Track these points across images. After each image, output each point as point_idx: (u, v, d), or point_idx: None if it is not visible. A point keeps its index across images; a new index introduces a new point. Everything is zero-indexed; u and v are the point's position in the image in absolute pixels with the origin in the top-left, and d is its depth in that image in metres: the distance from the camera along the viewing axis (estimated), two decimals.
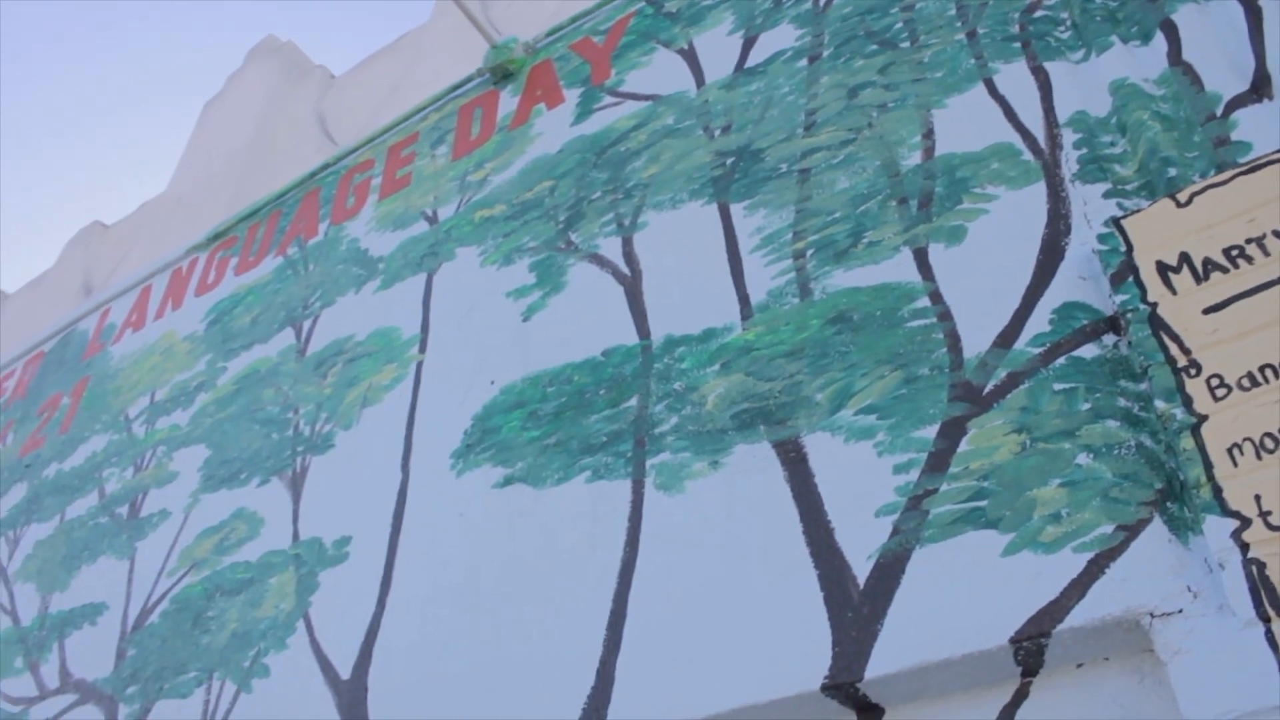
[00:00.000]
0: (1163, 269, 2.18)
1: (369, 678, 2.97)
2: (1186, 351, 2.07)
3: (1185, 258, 2.16)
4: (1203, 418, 1.99)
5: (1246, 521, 1.86)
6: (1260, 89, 2.41)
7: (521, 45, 4.47)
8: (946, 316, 2.52)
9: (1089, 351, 2.27)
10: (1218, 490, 1.91)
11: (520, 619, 2.74)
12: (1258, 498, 1.87)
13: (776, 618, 2.30)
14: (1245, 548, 1.84)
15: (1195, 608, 1.87)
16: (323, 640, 3.18)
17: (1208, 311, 2.08)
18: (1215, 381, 2.01)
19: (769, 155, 3.18)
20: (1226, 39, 2.52)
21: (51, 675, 4.03)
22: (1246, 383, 1.97)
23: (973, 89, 2.90)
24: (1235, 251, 2.11)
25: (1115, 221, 2.31)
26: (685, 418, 2.77)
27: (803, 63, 3.35)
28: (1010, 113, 2.78)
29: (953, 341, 2.47)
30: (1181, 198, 2.23)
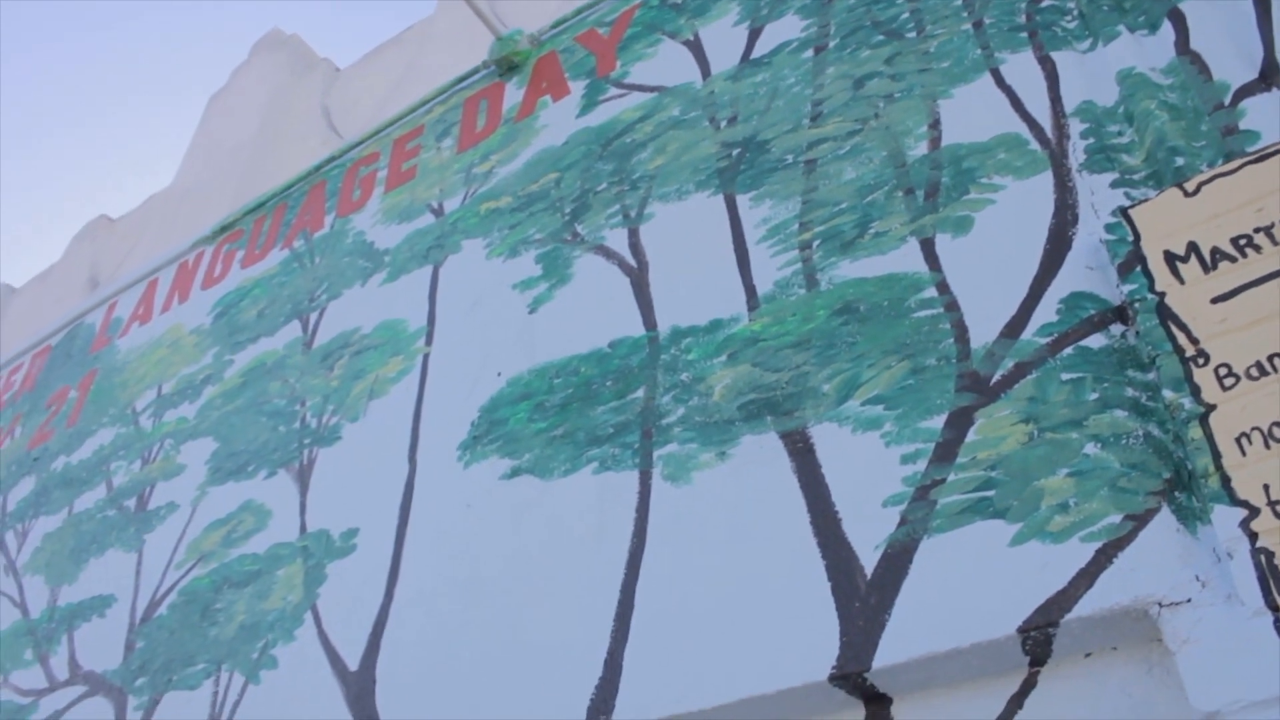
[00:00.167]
0: (1170, 258, 2.18)
1: (377, 669, 2.97)
2: (1194, 341, 2.06)
3: (1193, 247, 2.16)
4: (1211, 407, 1.99)
5: (1255, 511, 1.86)
6: (1268, 77, 2.40)
7: (526, 37, 4.46)
8: (953, 307, 2.51)
9: (1096, 341, 2.26)
10: (1226, 479, 1.91)
11: (528, 610, 2.74)
12: (1266, 487, 1.87)
13: (784, 608, 2.30)
14: (1254, 537, 1.84)
15: (1203, 597, 1.87)
16: (330, 632, 3.19)
17: (1216, 301, 2.08)
18: (1223, 371, 2.00)
19: (775, 146, 3.17)
20: (1234, 27, 2.51)
21: (61, 667, 4.04)
22: (1255, 372, 1.97)
23: (979, 79, 2.89)
24: (1243, 240, 2.10)
25: (1123, 211, 2.30)
26: (692, 409, 2.77)
27: (808, 53, 3.34)
28: (1017, 103, 2.77)
29: (960, 332, 2.46)
30: (1189, 187, 2.23)
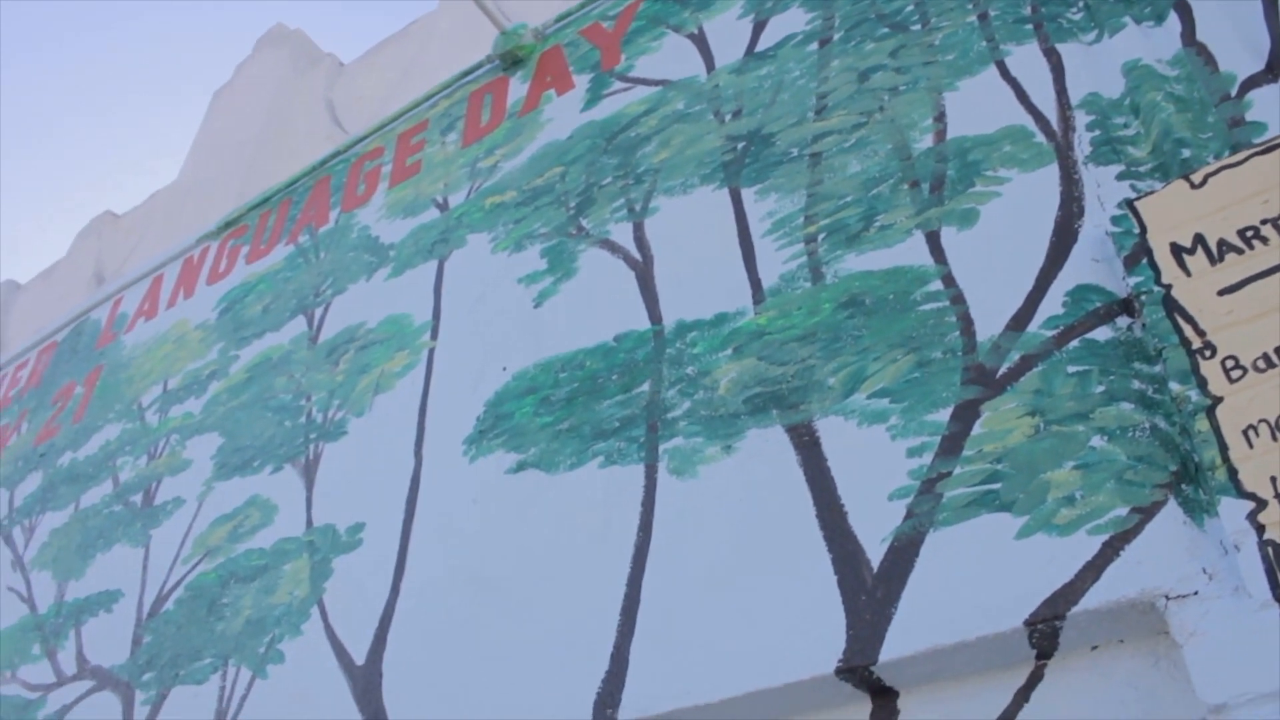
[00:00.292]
0: (1177, 250, 2.17)
1: (384, 663, 2.98)
2: (1201, 333, 2.06)
3: (1199, 239, 2.15)
4: (1218, 399, 1.98)
5: (1262, 503, 1.86)
6: (1275, 69, 2.39)
7: (531, 31, 4.46)
8: (959, 300, 2.51)
9: (1103, 334, 2.26)
10: (1233, 472, 1.91)
11: (534, 604, 2.74)
12: (1273, 479, 1.87)
13: (790, 601, 2.30)
14: (1261, 529, 1.84)
15: (1210, 590, 1.86)
16: (337, 626, 3.19)
17: (1222, 293, 2.07)
18: (1230, 363, 2.00)
19: (780, 139, 3.17)
20: (1241, 19, 2.50)
21: (69, 662, 4.05)
22: (1262, 364, 1.96)
23: (984, 71, 2.89)
24: (1250, 232, 2.10)
25: (1129, 203, 2.30)
26: (698, 402, 2.77)
27: (813, 46, 3.33)
28: (1022, 95, 2.76)
29: (965, 324, 2.46)
30: (1195, 179, 2.22)
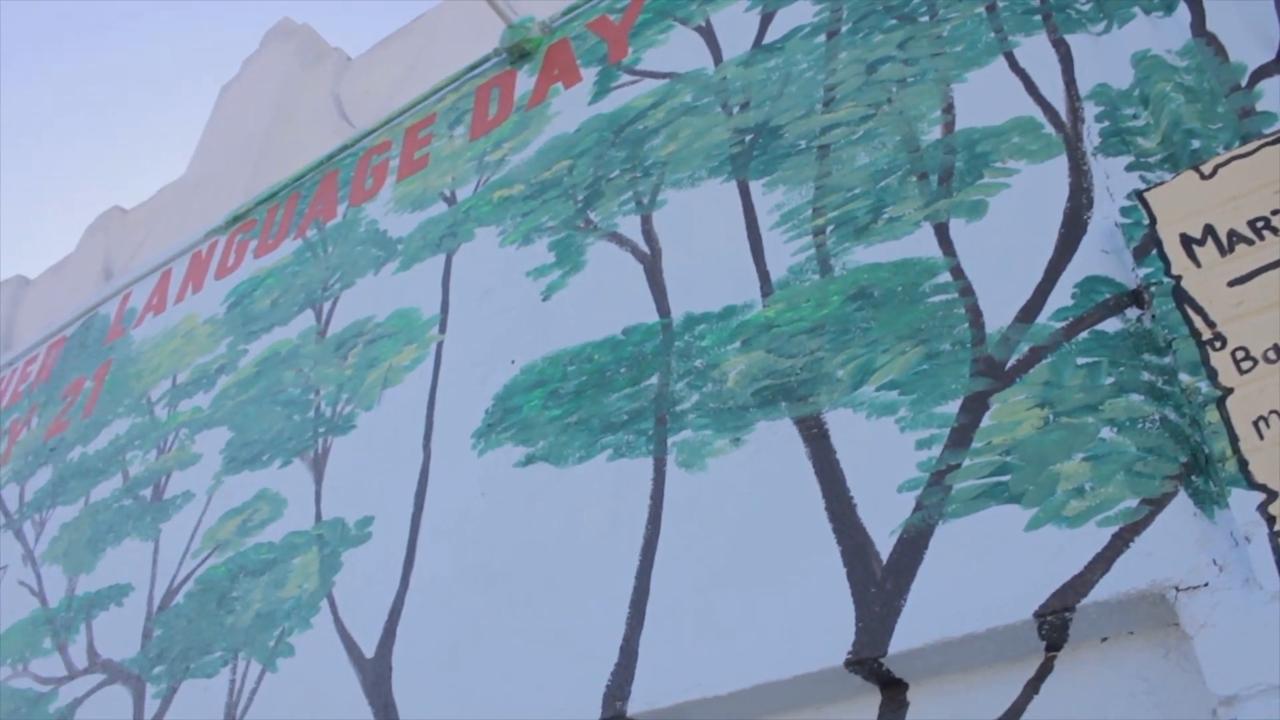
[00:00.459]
0: (1186, 241, 2.16)
1: (393, 656, 2.98)
2: (1211, 324, 2.05)
3: (1209, 230, 2.15)
4: (1228, 391, 1.98)
5: (1273, 494, 1.85)
6: None
7: (538, 24, 4.46)
8: (968, 291, 2.51)
9: (1112, 325, 2.25)
10: (1243, 463, 1.90)
11: (543, 597, 2.75)
12: None
13: (799, 594, 2.30)
14: (1271, 521, 1.83)
15: (1221, 581, 1.86)
16: (347, 619, 3.20)
17: (1233, 284, 2.07)
18: (1240, 354, 1.99)
19: (788, 132, 3.16)
20: (1251, 8, 2.49)
21: (80, 655, 4.07)
22: (1272, 355, 1.96)
23: (993, 63, 2.88)
24: (1260, 223, 2.09)
25: (1138, 194, 2.29)
26: (706, 395, 2.77)
27: (821, 38, 3.33)
28: (1031, 86, 2.76)
29: (974, 316, 2.46)
30: (1205, 170, 2.22)
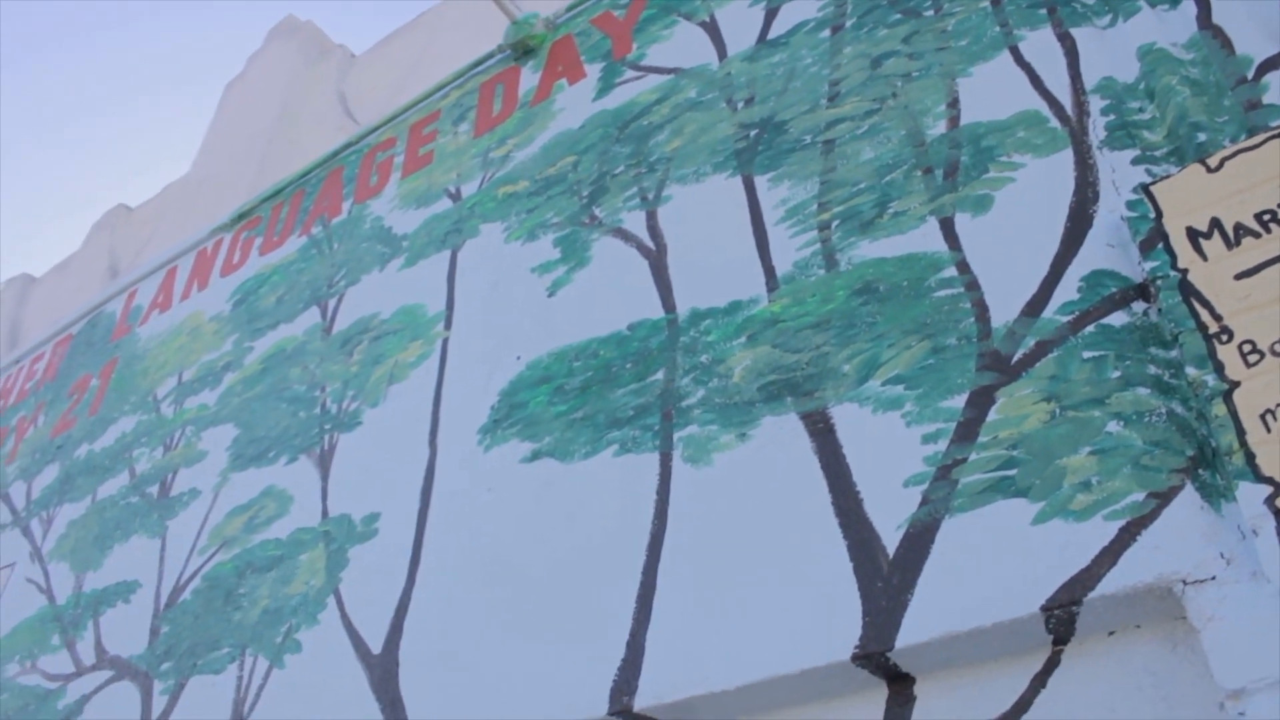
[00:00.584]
0: (1193, 235, 2.16)
1: (400, 652, 2.99)
2: (1218, 318, 2.05)
3: (1216, 223, 2.14)
4: (1235, 384, 1.97)
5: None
6: None
7: (541, 21, 4.46)
8: (974, 286, 2.50)
9: (1118, 319, 2.25)
10: (1250, 456, 1.90)
11: (549, 592, 2.75)
12: None
13: (806, 588, 2.30)
14: (1279, 514, 1.83)
15: (1228, 574, 1.86)
16: (353, 615, 3.21)
17: (1239, 277, 2.06)
18: (1247, 347, 1.99)
19: (792, 127, 3.16)
20: (1257, 1, 2.48)
21: (88, 652, 4.08)
22: (1279, 348, 1.95)
23: (998, 57, 2.87)
24: (1267, 216, 2.09)
25: (1144, 188, 2.29)
26: (712, 390, 2.77)
27: (825, 33, 3.32)
28: (1036, 80, 2.75)
29: (980, 311, 2.45)
30: (1212, 163, 2.21)
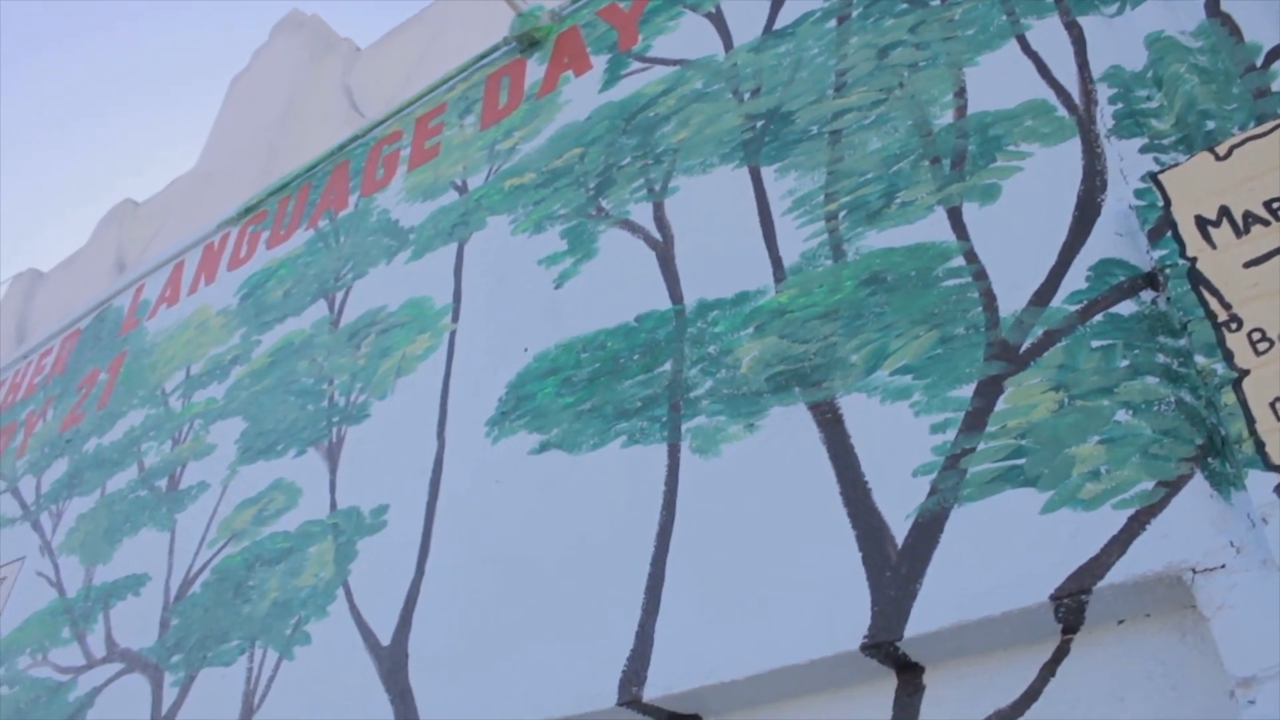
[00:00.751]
0: (1202, 223, 2.15)
1: (409, 644, 3.00)
2: (1227, 306, 2.04)
3: (1225, 211, 2.14)
4: (1244, 372, 1.97)
5: None
6: None
7: (547, 13, 4.45)
8: (981, 275, 2.50)
9: (1127, 308, 2.24)
10: (1260, 445, 1.89)
11: (558, 584, 2.76)
12: None
13: (815, 578, 2.30)
14: None
15: (1238, 563, 1.85)
16: (363, 607, 3.21)
17: (1248, 265, 2.06)
18: (1257, 335, 1.98)
19: (799, 117, 3.16)
20: None
21: (98, 645, 4.10)
22: None
23: (1005, 46, 2.86)
24: (1276, 204, 2.08)
25: (1152, 176, 2.28)
26: (720, 381, 2.77)
27: (831, 23, 3.32)
28: (1044, 69, 2.74)
29: (988, 300, 2.45)
30: (1220, 151, 2.20)
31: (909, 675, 2.20)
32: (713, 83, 3.50)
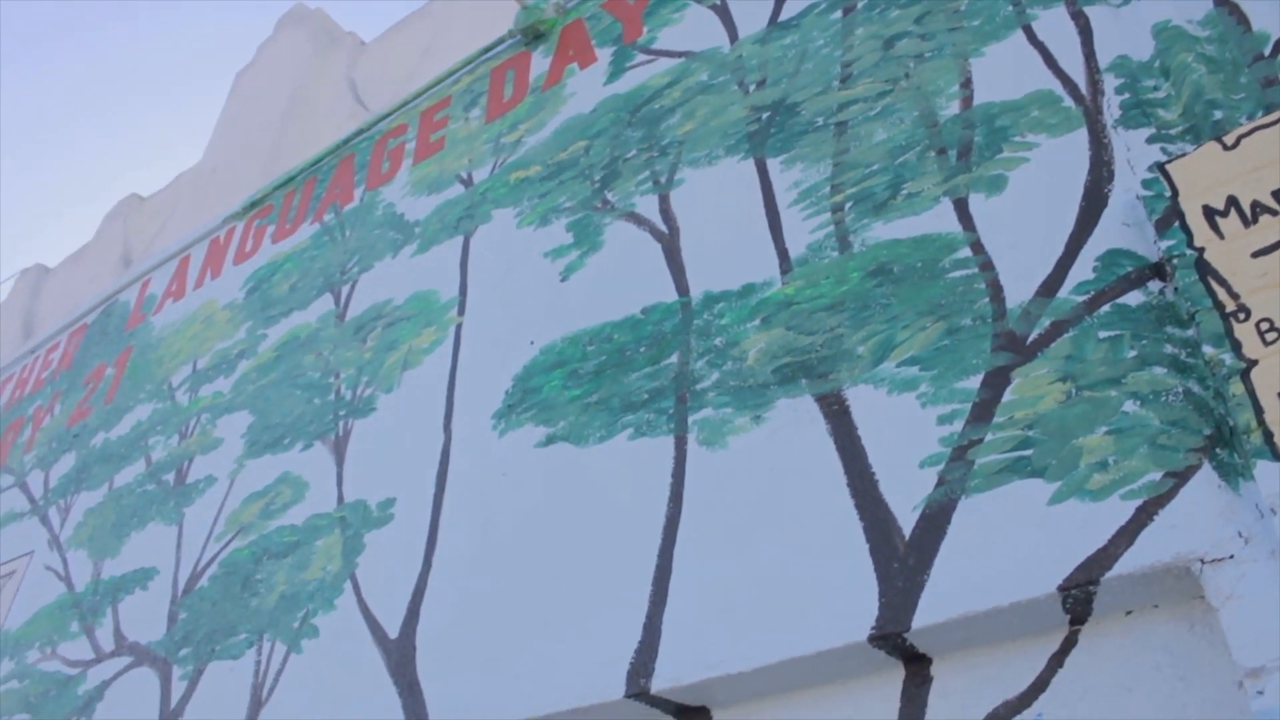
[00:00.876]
0: (1209, 213, 2.15)
1: (417, 636, 3.00)
2: (1235, 296, 2.04)
3: (1233, 201, 2.13)
4: (1252, 362, 1.96)
5: None
6: None
7: (552, 5, 4.45)
8: (988, 266, 2.49)
9: (1134, 298, 2.24)
10: (1268, 435, 1.89)
11: (565, 576, 2.76)
12: None
13: (822, 570, 2.30)
14: None
15: (1246, 553, 1.85)
16: (370, 600, 3.22)
17: (1256, 255, 2.05)
18: (1265, 325, 1.98)
19: (805, 109, 3.15)
20: None
21: (107, 638, 4.11)
22: None
23: (1011, 36, 2.86)
24: None
25: (1159, 166, 2.27)
26: (726, 373, 2.77)
27: (837, 15, 3.31)
28: (1050, 59, 2.73)
29: (995, 291, 2.44)
30: (1228, 140, 2.20)
31: (917, 666, 2.20)
32: (718, 75, 3.49)
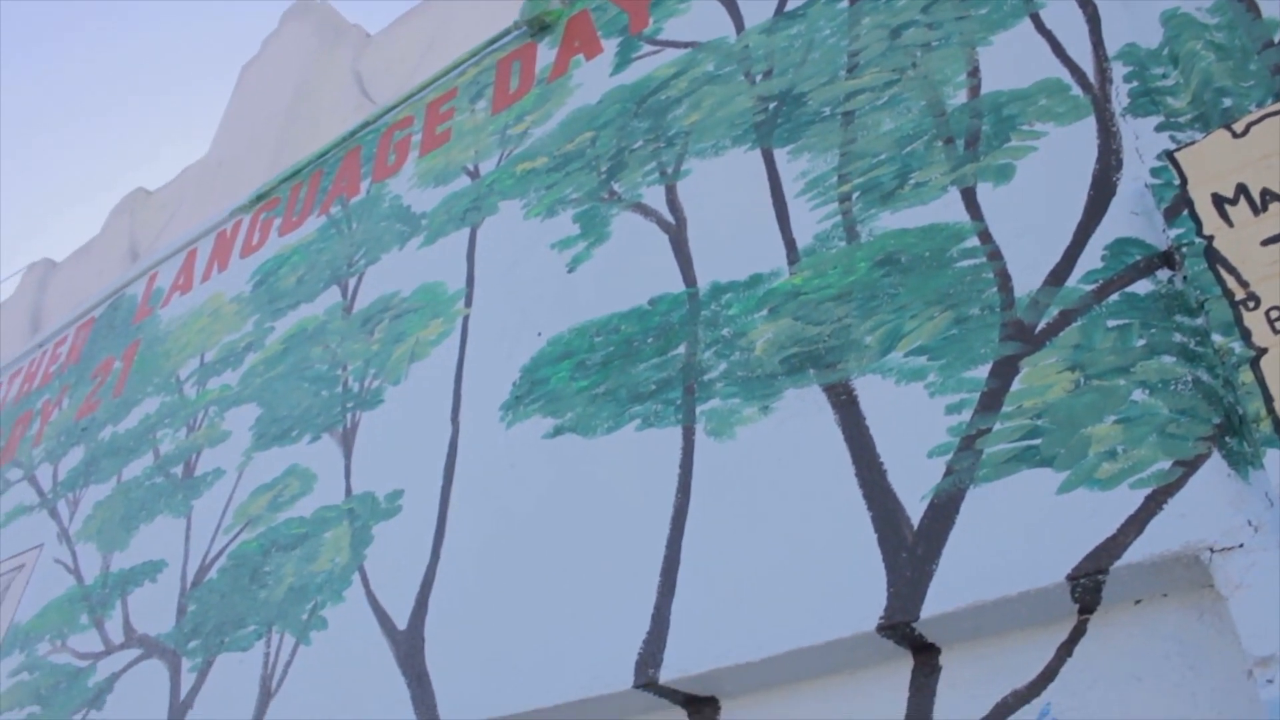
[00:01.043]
0: (1219, 201, 2.14)
1: (425, 628, 3.01)
2: (1244, 284, 2.03)
3: (1242, 189, 2.12)
4: (1262, 351, 1.96)
5: None
6: None
7: None
8: (996, 256, 2.49)
9: (1143, 287, 2.23)
10: (1278, 423, 1.88)
11: (574, 567, 2.76)
12: None
13: (830, 560, 2.30)
14: None
15: (1256, 542, 1.84)
16: (378, 592, 3.23)
17: (1266, 243, 2.04)
18: (1274, 314, 1.97)
19: (811, 99, 3.14)
20: None
21: (116, 631, 4.12)
22: None
23: (1019, 24, 2.84)
24: None
25: (1168, 154, 2.26)
26: (734, 364, 2.77)
27: (843, 4, 3.30)
28: (1058, 47, 2.72)
29: (1003, 280, 2.44)
30: (1237, 128, 2.19)
31: (925, 656, 2.20)
32: (724, 65, 3.49)
